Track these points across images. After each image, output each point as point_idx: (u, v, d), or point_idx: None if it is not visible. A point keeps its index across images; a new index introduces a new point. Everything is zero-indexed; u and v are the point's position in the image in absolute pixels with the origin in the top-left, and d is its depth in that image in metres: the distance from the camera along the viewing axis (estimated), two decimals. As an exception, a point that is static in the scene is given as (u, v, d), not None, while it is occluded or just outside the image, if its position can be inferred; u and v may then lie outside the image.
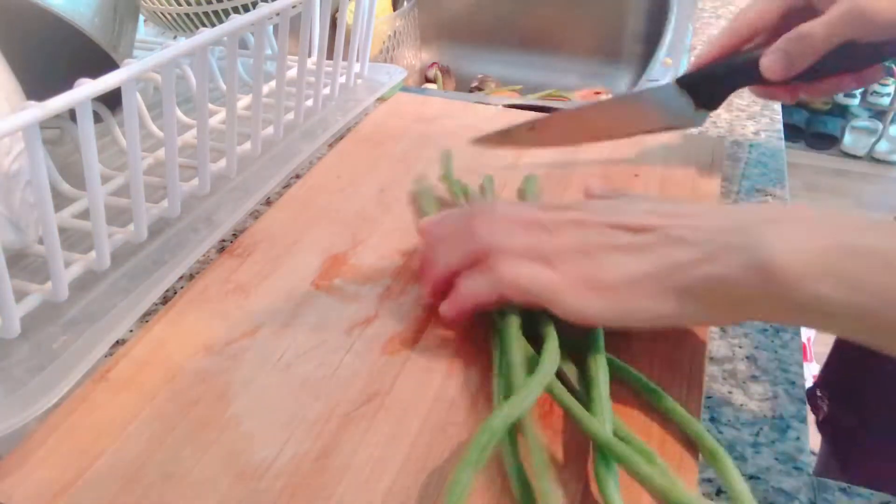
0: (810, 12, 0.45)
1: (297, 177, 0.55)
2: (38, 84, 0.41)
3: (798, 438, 0.35)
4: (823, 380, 0.71)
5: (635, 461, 0.29)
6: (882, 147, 2.75)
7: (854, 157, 2.78)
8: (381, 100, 0.67)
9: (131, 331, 0.40)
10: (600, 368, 0.34)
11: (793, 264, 0.29)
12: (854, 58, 0.45)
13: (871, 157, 2.77)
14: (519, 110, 0.66)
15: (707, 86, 0.49)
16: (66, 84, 0.35)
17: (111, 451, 0.33)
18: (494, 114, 0.65)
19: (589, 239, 0.35)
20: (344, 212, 0.51)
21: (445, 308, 0.38)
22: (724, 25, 0.49)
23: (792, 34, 0.45)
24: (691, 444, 0.33)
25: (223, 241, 0.48)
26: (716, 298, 0.32)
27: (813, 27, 0.44)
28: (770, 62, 0.45)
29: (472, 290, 0.37)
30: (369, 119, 0.64)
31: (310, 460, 0.32)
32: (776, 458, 0.34)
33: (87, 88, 0.35)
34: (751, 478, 0.33)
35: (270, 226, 0.49)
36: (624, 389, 0.35)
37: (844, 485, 0.33)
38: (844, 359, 0.69)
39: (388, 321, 0.41)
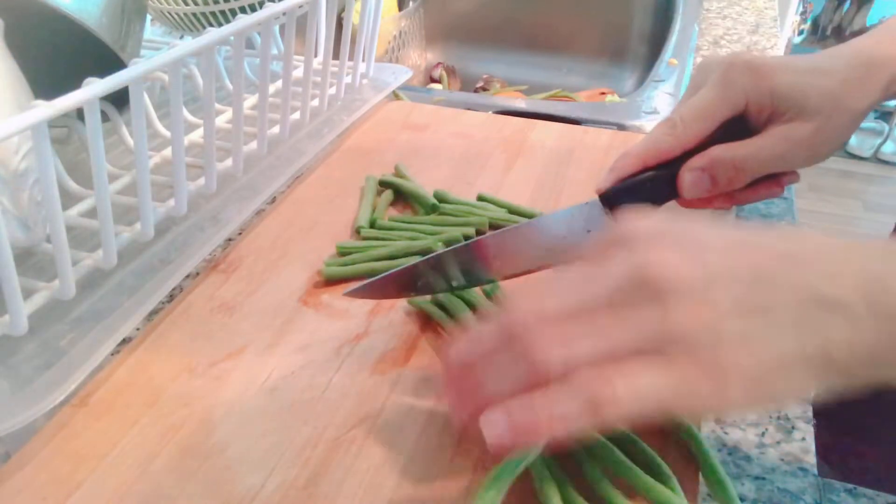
0: (742, 124, 0.41)
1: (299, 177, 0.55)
2: (46, 83, 0.41)
3: (803, 439, 0.35)
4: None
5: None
6: (888, 148, 2.74)
7: (859, 158, 2.77)
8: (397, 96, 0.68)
9: (138, 329, 0.40)
10: None
11: None
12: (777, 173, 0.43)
13: (877, 159, 2.76)
14: (509, 116, 0.66)
15: (631, 200, 0.42)
16: (74, 83, 0.36)
17: (90, 481, 0.32)
18: (484, 120, 0.65)
19: (698, 312, 0.26)
20: (331, 224, 0.50)
21: (501, 434, 0.27)
22: (647, 136, 0.42)
23: (725, 160, 0.40)
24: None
25: (229, 239, 0.48)
26: (860, 369, 0.27)
27: (746, 160, 0.40)
28: (695, 181, 0.40)
29: (560, 415, 0.26)
30: (358, 129, 0.63)
31: (297, 488, 0.31)
32: (781, 459, 0.34)
33: (94, 88, 0.36)
34: (756, 478, 0.33)
35: (256, 240, 0.48)
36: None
37: (850, 486, 0.33)
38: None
39: (378, 338, 0.40)
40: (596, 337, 0.27)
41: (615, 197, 0.42)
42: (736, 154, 0.40)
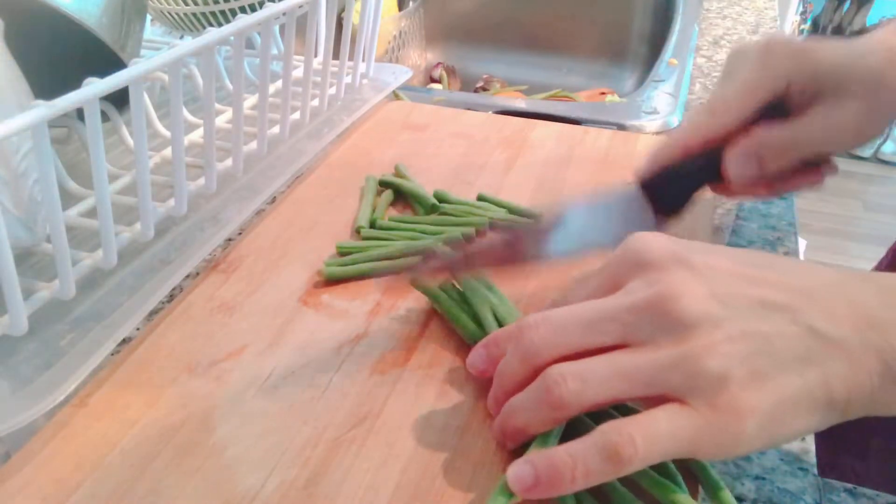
0: (781, 108, 0.40)
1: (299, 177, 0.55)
2: (46, 83, 0.41)
3: (803, 439, 0.35)
4: None
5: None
6: (888, 148, 2.74)
7: (859, 158, 2.77)
8: (397, 96, 0.68)
9: (138, 329, 0.40)
10: None
11: None
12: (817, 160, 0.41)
13: (877, 159, 2.76)
14: (509, 116, 0.66)
15: (672, 187, 0.41)
16: (74, 83, 0.36)
17: (90, 481, 0.31)
18: (484, 120, 0.65)
19: (715, 349, 0.27)
20: (331, 224, 0.50)
21: (526, 486, 0.28)
22: (685, 122, 0.41)
23: (773, 140, 0.39)
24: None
25: (229, 239, 0.48)
26: (857, 406, 0.28)
27: (795, 140, 0.39)
28: (742, 163, 0.39)
29: (582, 471, 0.27)
30: (358, 129, 0.63)
31: (297, 488, 0.31)
32: (781, 459, 0.34)
33: (95, 87, 0.36)
34: (756, 478, 0.33)
35: (256, 240, 0.48)
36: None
37: (850, 486, 0.33)
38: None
39: (377, 338, 0.40)
40: (615, 378, 0.28)
41: (655, 184, 0.41)
42: (783, 134, 0.39)
